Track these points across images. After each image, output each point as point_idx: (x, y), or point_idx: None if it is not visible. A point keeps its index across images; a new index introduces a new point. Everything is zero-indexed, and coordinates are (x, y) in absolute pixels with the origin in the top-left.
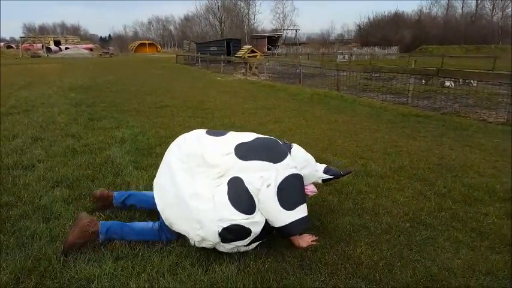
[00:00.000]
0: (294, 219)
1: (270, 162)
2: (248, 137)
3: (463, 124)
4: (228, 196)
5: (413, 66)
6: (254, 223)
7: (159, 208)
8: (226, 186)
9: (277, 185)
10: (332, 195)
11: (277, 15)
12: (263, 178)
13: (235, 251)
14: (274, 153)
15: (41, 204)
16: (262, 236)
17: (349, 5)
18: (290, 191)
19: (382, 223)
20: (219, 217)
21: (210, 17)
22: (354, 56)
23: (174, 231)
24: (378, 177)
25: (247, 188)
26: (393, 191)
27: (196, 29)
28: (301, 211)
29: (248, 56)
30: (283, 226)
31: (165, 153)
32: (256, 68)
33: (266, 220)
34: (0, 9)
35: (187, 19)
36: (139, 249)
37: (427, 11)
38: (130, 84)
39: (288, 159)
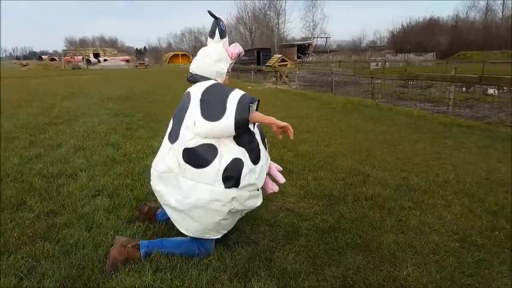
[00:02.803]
0: (233, 115)
1: (184, 115)
2: (171, 121)
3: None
4: (193, 166)
5: (453, 73)
6: (229, 152)
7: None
8: (189, 165)
9: (199, 115)
10: (373, 211)
11: (307, 23)
12: (186, 126)
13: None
14: (183, 107)
15: (83, 212)
16: (256, 144)
17: (381, 11)
18: (211, 105)
19: (429, 242)
20: (209, 182)
21: (241, 28)
22: (387, 63)
23: (211, 241)
24: (421, 192)
25: (192, 146)
26: (439, 207)
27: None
28: (233, 102)
29: (278, 65)
30: (234, 128)
31: None
32: (286, 76)
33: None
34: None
35: None
36: (178, 261)
37: (464, 15)
38: (165, 95)
39: (192, 97)
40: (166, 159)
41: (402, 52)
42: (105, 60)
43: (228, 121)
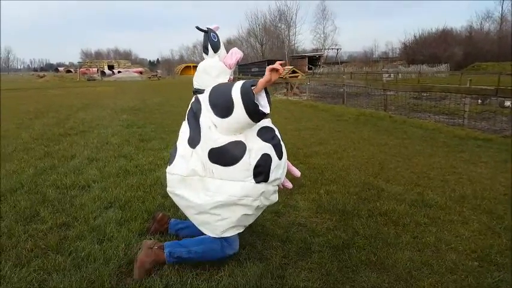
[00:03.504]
0: (241, 103)
1: (198, 119)
2: (186, 127)
3: None
4: (222, 164)
5: (468, 85)
6: (258, 149)
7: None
8: (216, 165)
9: (215, 116)
10: (388, 227)
11: (318, 35)
12: (208, 127)
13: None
14: (196, 112)
15: (95, 225)
16: (278, 140)
17: (393, 22)
18: (221, 104)
19: (446, 260)
20: (240, 178)
21: (252, 40)
22: (400, 75)
23: (235, 237)
24: (437, 208)
25: (220, 145)
26: (456, 223)
27: None
28: (237, 93)
29: (289, 77)
30: (248, 115)
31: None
32: (297, 88)
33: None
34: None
35: (229, 42)
36: (188, 276)
37: (478, 26)
38: (177, 106)
39: (202, 101)
40: (190, 163)
41: (415, 63)
42: (119, 72)
43: (239, 110)
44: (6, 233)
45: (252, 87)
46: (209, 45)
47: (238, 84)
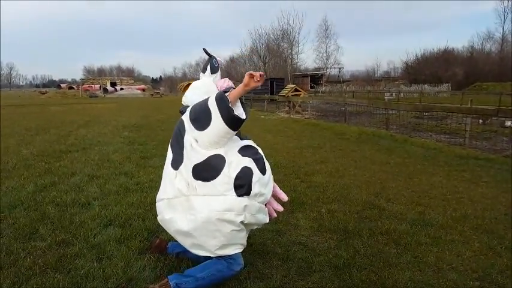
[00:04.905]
0: (218, 112)
1: (182, 140)
2: (169, 151)
3: None
4: (204, 180)
5: (469, 105)
6: (237, 162)
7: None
8: (199, 181)
9: (195, 130)
10: (389, 246)
11: (321, 54)
12: (190, 146)
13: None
14: (180, 134)
15: (95, 243)
16: (261, 156)
17: (395, 42)
18: (199, 117)
19: (447, 280)
20: (222, 192)
21: (255, 58)
22: (402, 94)
23: (237, 253)
24: (438, 227)
25: (201, 160)
26: (457, 243)
27: (241, 69)
28: (213, 102)
29: (292, 95)
30: (226, 123)
31: None
32: (299, 106)
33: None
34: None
35: (232, 60)
36: None
37: (479, 46)
38: None
39: (185, 121)
40: (175, 184)
41: (416, 83)
42: (121, 89)
43: (217, 119)
44: (4, 251)
45: (226, 94)
46: (208, 67)
47: (213, 96)
